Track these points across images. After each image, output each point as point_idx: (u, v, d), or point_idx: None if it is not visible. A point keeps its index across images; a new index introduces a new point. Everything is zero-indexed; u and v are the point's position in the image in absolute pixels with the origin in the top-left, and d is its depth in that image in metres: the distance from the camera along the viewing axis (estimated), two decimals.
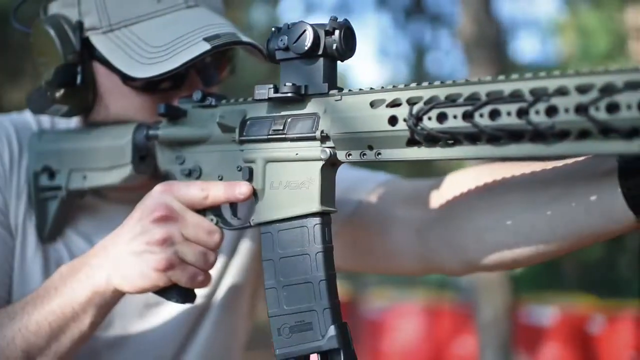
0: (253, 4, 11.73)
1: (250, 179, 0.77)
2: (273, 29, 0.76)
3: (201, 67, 0.88)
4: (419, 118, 0.64)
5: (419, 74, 10.97)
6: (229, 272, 1.00)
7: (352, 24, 0.73)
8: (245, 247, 1.01)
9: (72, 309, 0.80)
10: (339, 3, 12.26)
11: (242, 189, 0.76)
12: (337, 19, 0.72)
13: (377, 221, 0.91)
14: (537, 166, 0.76)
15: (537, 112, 0.59)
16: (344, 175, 0.96)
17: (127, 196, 0.91)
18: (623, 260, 11.05)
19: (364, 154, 0.69)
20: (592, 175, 0.69)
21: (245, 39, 0.82)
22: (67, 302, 0.80)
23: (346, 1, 12.16)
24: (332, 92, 0.72)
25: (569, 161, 0.73)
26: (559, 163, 0.74)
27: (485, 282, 3.03)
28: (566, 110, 0.58)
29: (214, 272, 0.98)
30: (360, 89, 0.70)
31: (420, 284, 7.37)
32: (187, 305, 0.95)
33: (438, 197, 0.86)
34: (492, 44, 2.86)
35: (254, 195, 0.77)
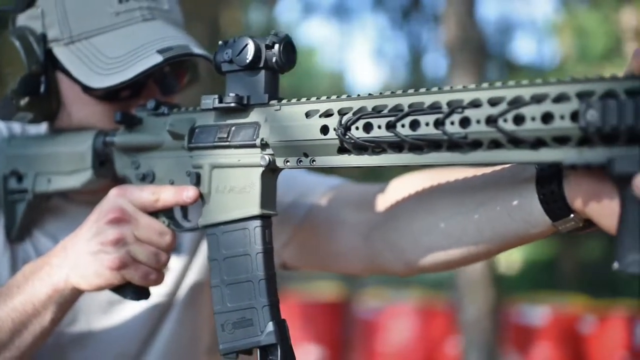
0: (250, 4, 11.77)
1: (197, 183, 0.82)
2: (220, 42, 0.80)
3: (159, 76, 0.93)
4: (347, 128, 0.69)
5: (416, 75, 11.01)
6: (190, 272, 1.05)
7: (292, 40, 0.78)
8: (207, 247, 1.05)
9: (33, 306, 0.85)
10: (336, 3, 12.30)
11: (189, 193, 0.81)
12: (277, 34, 0.77)
13: (326, 223, 0.95)
14: (469, 172, 0.81)
15: (452, 123, 0.64)
16: (300, 179, 1.01)
17: (91, 198, 0.95)
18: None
19: (300, 161, 0.74)
20: (515, 181, 0.73)
21: (196, 51, 0.87)
22: (29, 299, 0.85)
23: (344, 2, 12.20)
24: (272, 102, 0.77)
25: (497, 168, 0.77)
26: (488, 169, 0.79)
27: (469, 282, 3.07)
28: (478, 122, 0.62)
29: (175, 271, 1.03)
30: (298, 100, 0.75)
31: (415, 285, 7.42)
32: (150, 303, 1.01)
33: (382, 202, 0.91)
34: (476, 48, 2.91)
35: (201, 198, 0.82)
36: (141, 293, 0.86)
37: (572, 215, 0.68)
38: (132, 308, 1.01)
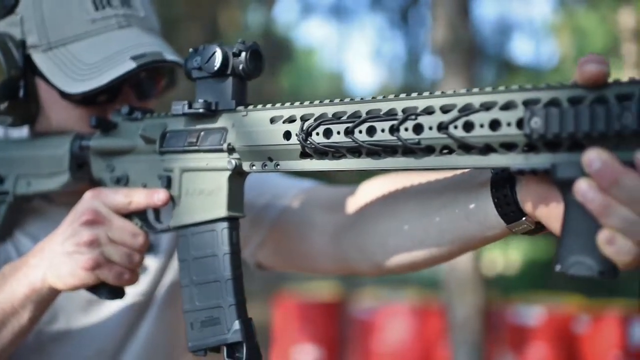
0: (249, 5, 11.80)
1: (168, 186, 0.84)
2: (190, 50, 0.83)
3: (135, 82, 0.96)
4: (308, 133, 0.71)
5: (414, 76, 11.04)
6: (168, 272, 1.07)
7: (259, 47, 0.81)
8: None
9: (12, 305, 0.87)
10: (335, 4, 12.32)
11: (160, 196, 0.84)
12: (244, 42, 0.80)
13: (298, 225, 0.98)
14: (433, 176, 0.84)
15: (406, 129, 0.66)
16: (273, 182, 1.04)
17: (71, 199, 0.98)
18: None
19: (265, 165, 0.76)
20: (472, 185, 0.76)
21: (169, 57, 0.89)
22: (8, 298, 0.87)
23: (342, 2, 12.22)
24: (239, 108, 0.79)
25: (457, 172, 0.80)
26: (449, 173, 0.81)
27: (458, 283, 3.10)
28: (430, 128, 0.65)
29: (153, 271, 1.06)
30: (263, 106, 0.78)
31: (411, 285, 7.44)
32: (128, 302, 1.03)
33: (351, 204, 0.93)
34: (467, 49, 2.93)
35: (172, 201, 0.84)
36: (116, 292, 0.89)
37: (524, 219, 0.70)
38: (110, 307, 1.03)
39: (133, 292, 1.04)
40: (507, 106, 0.61)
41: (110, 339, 1.03)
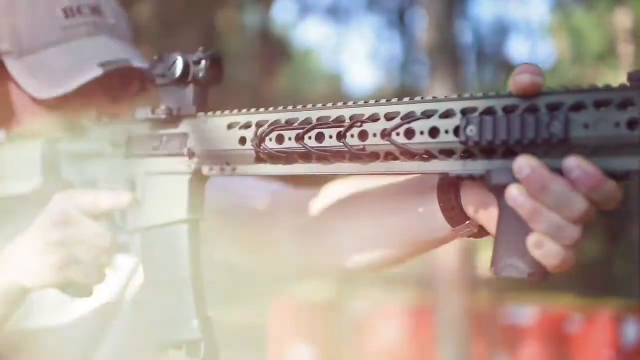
0: (246, 6, 11.83)
1: (133, 189, 0.87)
2: (155, 57, 0.86)
3: (108, 87, 0.98)
4: (261, 139, 0.74)
5: (411, 77, 11.07)
6: (140, 272, 1.10)
7: (221, 55, 0.84)
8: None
9: None
10: (333, 4, 12.35)
11: (125, 198, 0.87)
12: (205, 50, 0.83)
13: (265, 227, 1.01)
14: (387, 180, 0.87)
15: (352, 136, 0.69)
16: (243, 184, 1.07)
17: (45, 201, 1.01)
18: (620, 260, 11.16)
19: (223, 169, 0.79)
20: (422, 189, 0.79)
21: (136, 64, 0.92)
22: None
23: (340, 2, 12.24)
24: (199, 114, 0.82)
25: (410, 176, 0.83)
26: (403, 178, 0.84)
27: (446, 283, 3.13)
28: (374, 135, 0.67)
29: (125, 271, 1.09)
30: (222, 112, 0.80)
31: (405, 285, 7.46)
32: (101, 302, 1.06)
33: (315, 207, 0.96)
34: (453, 52, 2.96)
35: (137, 203, 0.87)
36: (83, 291, 0.92)
37: (467, 222, 0.73)
38: (83, 306, 1.06)
39: (104, 292, 1.07)
40: (447, 115, 0.64)
41: (83, 338, 1.06)
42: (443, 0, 2.95)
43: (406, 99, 0.68)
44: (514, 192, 0.60)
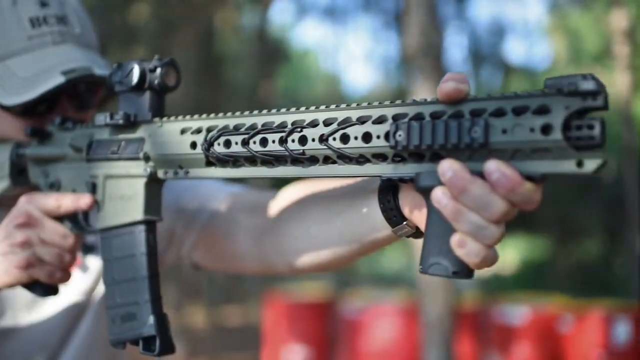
0: (244, 6, 11.85)
1: (94, 191, 0.91)
2: (114, 65, 0.89)
3: (72, 93, 1.02)
4: (210, 144, 0.77)
5: (408, 77, 11.09)
6: None
7: (177, 62, 0.87)
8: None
9: None
10: (330, 5, 12.37)
11: (85, 200, 0.90)
12: (160, 58, 0.86)
13: (225, 227, 1.04)
14: (337, 183, 0.90)
15: (292, 141, 0.72)
16: (204, 186, 1.11)
17: (14, 203, 1.04)
18: (620, 261, 11.17)
19: (177, 172, 0.83)
20: (366, 192, 0.82)
21: (97, 72, 0.96)
22: None
23: (337, 3, 12.26)
24: (155, 119, 0.85)
25: (357, 178, 0.86)
26: (350, 180, 0.87)
27: (430, 282, 3.16)
28: (313, 140, 0.71)
29: (94, 271, 1.12)
30: (176, 118, 0.84)
31: (399, 285, 7.50)
32: (70, 301, 1.10)
33: (272, 208, 0.99)
34: (437, 55, 2.99)
35: (98, 205, 0.91)
36: (49, 290, 0.95)
37: (405, 223, 0.76)
38: (53, 305, 1.10)
39: (74, 291, 1.10)
40: (379, 120, 0.67)
41: (53, 335, 1.10)
42: (424, 5, 2.98)
43: (343, 105, 0.71)
44: (438, 194, 0.63)
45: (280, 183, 1.05)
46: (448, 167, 0.62)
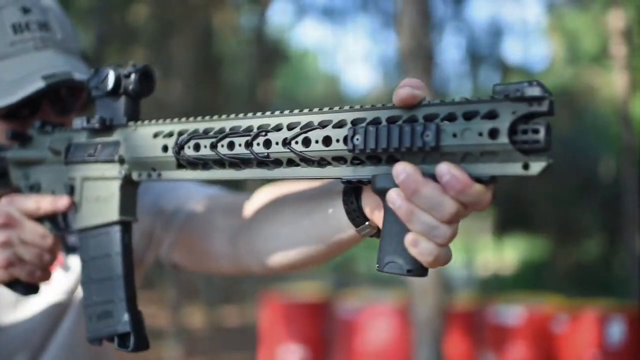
0: (243, 7, 11.88)
1: (71, 193, 0.93)
2: (92, 70, 0.92)
3: (54, 97, 1.05)
4: (181, 147, 0.80)
5: (405, 77, 11.12)
6: None
7: (152, 68, 0.90)
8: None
9: None
10: (328, 5, 12.40)
11: (63, 202, 0.93)
12: (135, 64, 0.89)
13: (201, 228, 1.07)
14: (306, 184, 0.93)
15: (258, 144, 0.75)
16: (182, 188, 1.13)
17: None
18: (619, 261, 11.19)
19: (150, 175, 0.85)
20: (332, 193, 0.85)
21: (77, 77, 0.98)
22: None
23: (335, 4, 12.28)
24: (130, 123, 0.88)
25: (325, 180, 0.89)
26: (318, 182, 0.90)
27: (419, 283, 3.18)
28: (277, 143, 0.73)
29: (75, 271, 1.15)
30: (150, 122, 0.86)
31: (394, 285, 7.52)
32: (52, 300, 1.12)
33: (246, 209, 1.02)
34: (427, 55, 3.02)
35: (75, 206, 0.93)
36: (30, 288, 0.98)
37: (367, 223, 0.79)
38: (36, 304, 1.12)
39: (56, 291, 1.13)
40: (339, 124, 0.70)
41: (35, 334, 1.12)
42: (417, 7, 3.01)
43: (306, 110, 0.74)
44: (392, 195, 0.66)
45: (262, 184, 1.07)
46: (402, 169, 0.65)
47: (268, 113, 0.76)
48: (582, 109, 12.76)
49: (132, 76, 0.88)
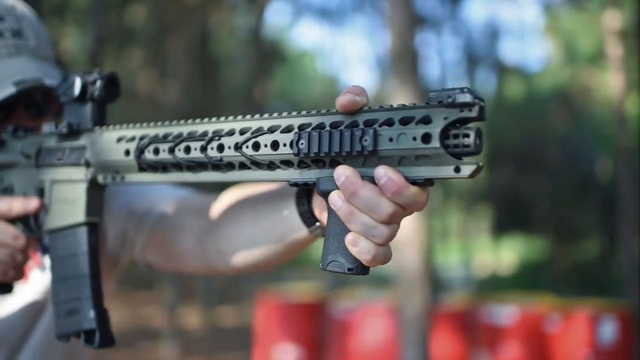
0: (240, 8, 11.91)
1: (41, 195, 0.97)
2: (62, 76, 0.96)
3: (28, 102, 1.08)
4: (141, 151, 0.84)
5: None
6: None
7: (117, 74, 0.93)
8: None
9: None
10: (326, 6, 12.42)
11: (33, 204, 0.97)
12: (101, 71, 0.92)
13: (172, 228, 1.11)
14: (266, 187, 0.96)
15: (212, 148, 0.78)
16: (154, 190, 1.17)
17: None
18: (617, 261, 11.22)
19: (114, 178, 0.89)
20: (288, 195, 0.88)
21: (48, 82, 1.02)
22: None
23: (333, 4, 12.31)
24: (96, 128, 0.92)
25: (284, 182, 0.92)
26: (277, 185, 0.94)
27: (407, 282, 3.22)
28: (229, 147, 0.77)
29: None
30: (114, 127, 0.90)
31: (389, 286, 7.55)
32: (29, 299, 1.16)
33: (213, 211, 1.06)
34: (412, 58, 3.05)
35: (45, 208, 0.97)
36: (3, 288, 1.02)
37: (317, 224, 0.82)
38: (13, 303, 1.16)
39: (33, 290, 1.17)
40: (287, 129, 0.73)
41: (13, 333, 1.16)
42: (404, 9, 3.05)
43: (257, 116, 0.77)
44: (333, 197, 0.70)
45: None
46: (342, 172, 0.68)
47: (222, 118, 0.80)
48: (580, 109, 12.80)
49: (98, 83, 0.91)
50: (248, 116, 0.78)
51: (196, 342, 8.33)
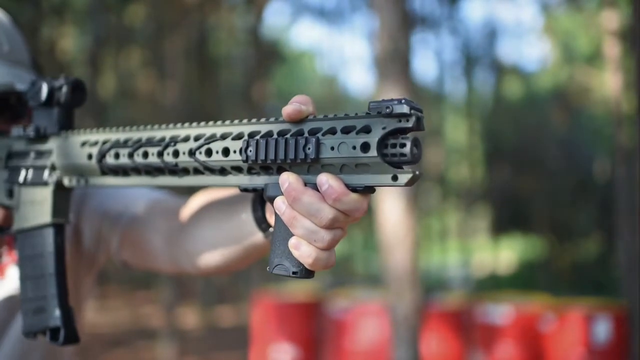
0: (238, 8, 11.93)
1: (11, 197, 1.00)
2: (32, 81, 0.98)
3: (3, 106, 1.11)
4: (103, 155, 0.87)
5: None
6: None
7: (82, 80, 0.96)
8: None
9: None
10: (325, 6, 12.43)
11: None
12: (67, 77, 0.95)
13: (143, 229, 1.13)
14: (228, 191, 0.99)
15: (168, 154, 0.81)
16: (129, 192, 1.20)
17: None
18: (614, 261, 11.24)
19: (79, 181, 0.92)
20: (246, 199, 0.91)
21: (19, 87, 1.05)
22: None
23: (332, 4, 12.32)
24: (62, 132, 0.95)
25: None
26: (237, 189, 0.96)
27: (397, 282, 3.25)
28: (184, 153, 0.79)
29: None
30: (79, 131, 0.93)
31: (384, 285, 7.58)
32: (6, 295, 1.18)
33: (182, 213, 1.08)
34: (404, 59, 3.07)
35: (14, 209, 1.00)
36: None
37: (270, 229, 0.85)
38: None
39: (9, 287, 1.19)
40: (238, 137, 0.76)
41: None
42: (395, 9, 3.07)
43: (211, 123, 0.80)
44: (278, 202, 0.72)
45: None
46: (285, 178, 0.71)
47: (179, 125, 0.82)
48: (578, 109, 12.82)
49: (64, 88, 0.94)
50: (202, 123, 0.80)
51: (194, 342, 8.37)
